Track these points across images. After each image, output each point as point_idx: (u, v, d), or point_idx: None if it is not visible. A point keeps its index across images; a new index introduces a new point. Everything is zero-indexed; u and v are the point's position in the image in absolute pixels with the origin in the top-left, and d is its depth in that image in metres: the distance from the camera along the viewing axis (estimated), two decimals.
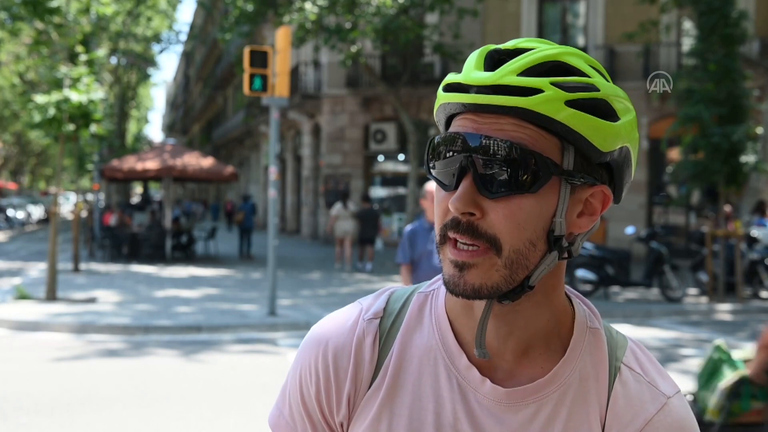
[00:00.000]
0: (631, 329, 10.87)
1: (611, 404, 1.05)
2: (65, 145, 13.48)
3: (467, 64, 1.01)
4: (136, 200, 46.43)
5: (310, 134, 27.67)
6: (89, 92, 12.46)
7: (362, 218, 17.89)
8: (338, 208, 18.29)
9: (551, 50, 1.00)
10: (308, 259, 20.61)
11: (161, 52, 42.33)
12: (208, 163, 21.30)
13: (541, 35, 22.51)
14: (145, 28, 35.90)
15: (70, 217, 31.46)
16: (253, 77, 11.17)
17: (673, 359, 8.97)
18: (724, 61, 13.68)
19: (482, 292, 0.99)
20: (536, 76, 0.97)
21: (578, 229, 1.02)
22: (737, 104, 13.73)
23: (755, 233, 14.67)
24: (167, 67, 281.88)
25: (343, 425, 1.10)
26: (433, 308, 1.11)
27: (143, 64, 39.40)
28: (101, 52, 17.45)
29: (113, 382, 7.65)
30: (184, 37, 50.47)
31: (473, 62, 1.00)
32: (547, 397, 1.05)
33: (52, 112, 12.16)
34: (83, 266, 17.48)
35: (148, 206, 28.39)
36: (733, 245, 13.87)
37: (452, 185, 0.99)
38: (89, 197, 29.55)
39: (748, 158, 13.51)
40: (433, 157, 1.02)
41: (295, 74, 25.12)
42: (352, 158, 25.09)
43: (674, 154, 19.73)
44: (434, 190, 1.05)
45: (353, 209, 18.36)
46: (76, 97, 12.21)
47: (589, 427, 1.05)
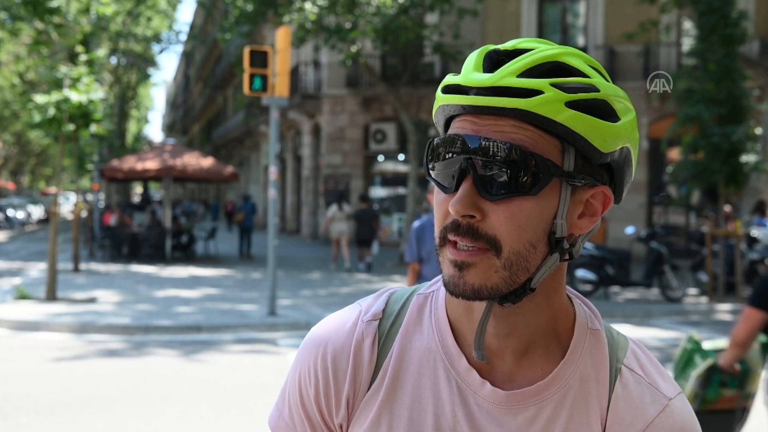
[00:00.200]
0: (631, 329, 10.87)
1: (612, 406, 1.05)
2: (65, 145, 13.48)
3: (466, 65, 1.00)
4: (136, 200, 46.38)
5: (310, 134, 27.67)
6: (89, 92, 12.46)
7: (359, 219, 17.96)
8: (334, 209, 18.45)
9: (551, 51, 0.99)
10: (308, 259, 20.61)
11: (161, 52, 42.32)
12: (208, 163, 21.30)
13: (541, 35, 22.51)
14: (145, 28, 35.88)
15: (70, 217, 31.47)
16: (253, 77, 11.17)
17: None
18: (724, 61, 13.69)
19: (482, 293, 0.98)
20: (536, 77, 0.97)
21: (579, 230, 1.02)
22: (737, 104, 13.73)
23: (755, 233, 14.67)
24: (167, 67, 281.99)
25: (342, 427, 1.10)
26: (432, 310, 1.10)
27: (143, 64, 39.39)
28: (101, 52, 17.45)
29: (113, 382, 7.65)
30: (184, 37, 50.46)
31: (472, 63, 0.99)
32: (547, 399, 1.04)
33: (52, 112, 12.16)
34: (83, 266, 17.48)
35: (148, 206, 28.37)
36: (733, 245, 13.87)
37: (452, 187, 0.98)
38: (89, 197, 29.56)
39: (748, 158, 13.51)
40: (432, 158, 1.01)
41: (295, 74, 25.12)
42: (352, 158, 25.09)
43: (674, 154, 19.73)
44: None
45: (348, 210, 18.48)
46: (76, 97, 12.21)
47: (589, 429, 1.04)
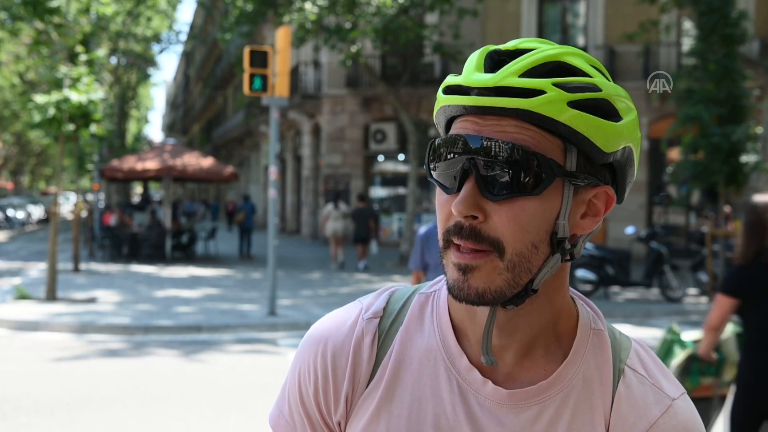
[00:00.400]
0: (631, 329, 10.86)
1: (615, 407, 1.04)
2: (65, 145, 13.48)
3: (467, 65, 1.00)
4: (136, 200, 46.38)
5: (310, 134, 27.66)
6: (89, 92, 12.46)
7: (357, 218, 18.07)
8: (329, 208, 18.60)
9: (552, 50, 0.99)
10: (308, 259, 20.61)
11: (161, 52, 42.31)
12: (208, 163, 21.30)
13: (541, 35, 22.51)
14: (145, 28, 35.87)
15: (70, 217, 31.47)
16: (253, 77, 11.17)
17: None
18: (724, 61, 13.68)
19: (486, 297, 0.98)
20: (538, 77, 0.96)
21: (581, 230, 1.02)
22: (737, 104, 13.73)
23: None
24: (167, 67, 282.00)
25: (340, 424, 1.10)
26: (434, 309, 1.10)
27: (143, 64, 39.38)
28: (101, 52, 17.44)
29: (113, 382, 7.65)
30: (184, 37, 50.47)
31: (473, 64, 0.99)
32: (549, 399, 1.03)
33: (52, 112, 12.16)
34: (83, 266, 17.48)
35: (148, 206, 28.37)
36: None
37: (454, 188, 0.98)
38: (89, 197, 29.55)
39: (748, 158, 13.51)
40: (434, 159, 1.01)
41: (295, 74, 25.12)
42: (352, 158, 25.09)
43: (674, 154, 19.73)
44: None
45: (344, 209, 18.61)
46: (76, 97, 12.21)
47: (593, 429, 1.04)
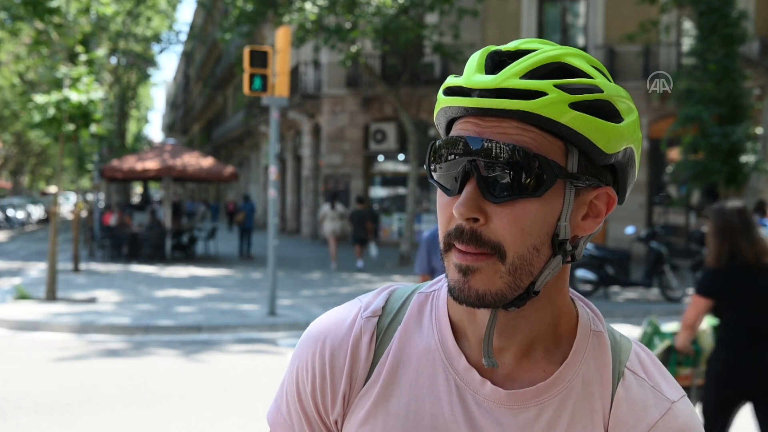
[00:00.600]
0: (631, 329, 10.86)
1: (614, 409, 1.04)
2: (65, 145, 13.49)
3: (468, 66, 0.99)
4: (136, 200, 46.37)
5: (310, 134, 27.66)
6: (89, 92, 12.46)
7: (355, 219, 18.21)
8: (326, 208, 18.73)
9: (553, 51, 0.98)
10: (308, 259, 20.60)
11: (161, 52, 42.31)
12: (208, 163, 21.30)
13: (541, 35, 22.51)
14: (145, 28, 35.87)
15: (70, 217, 31.47)
16: (253, 77, 11.17)
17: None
18: (724, 61, 13.69)
19: (486, 299, 0.97)
20: (539, 78, 0.96)
21: (583, 231, 1.01)
22: (737, 104, 13.73)
23: None
24: (167, 67, 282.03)
25: (337, 423, 1.10)
26: (433, 309, 1.10)
27: (143, 64, 39.38)
28: (101, 52, 17.45)
29: (113, 382, 7.65)
30: (184, 37, 50.50)
31: (474, 65, 0.98)
32: (548, 400, 1.03)
33: (52, 112, 12.16)
34: (83, 266, 17.48)
35: (147, 206, 28.37)
36: None
37: (455, 190, 0.97)
38: (89, 197, 29.55)
39: (748, 158, 13.51)
40: (435, 160, 1.00)
41: (295, 74, 25.12)
42: (352, 158, 25.09)
43: (674, 154, 19.73)
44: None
45: (341, 210, 18.75)
46: (76, 97, 12.21)
47: (592, 431, 1.03)
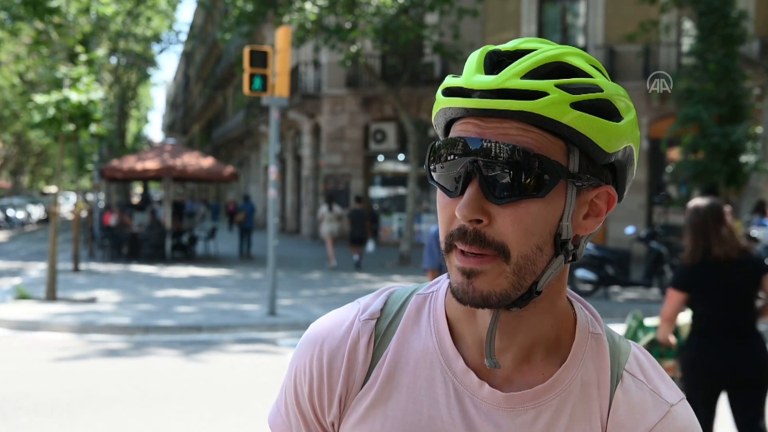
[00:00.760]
0: None
1: (612, 412, 1.03)
2: (65, 145, 13.48)
3: (468, 67, 0.99)
4: (136, 200, 46.36)
5: (310, 134, 27.66)
6: (89, 92, 12.46)
7: (353, 219, 18.36)
8: (323, 209, 18.89)
9: (553, 51, 0.98)
10: (308, 259, 20.60)
11: (161, 52, 42.31)
12: (208, 163, 21.30)
13: (541, 35, 22.51)
14: (145, 28, 35.87)
15: (70, 217, 31.46)
16: (253, 77, 11.17)
17: None
18: (724, 61, 13.69)
19: (491, 300, 0.97)
20: (539, 78, 0.96)
21: (584, 231, 1.01)
22: (737, 104, 13.73)
23: (755, 233, 14.65)
24: (167, 67, 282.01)
25: (334, 425, 1.10)
26: (431, 310, 1.09)
27: (143, 64, 39.38)
28: (101, 52, 17.45)
29: (113, 382, 7.65)
30: (184, 37, 50.47)
31: (473, 65, 0.98)
32: (546, 403, 1.03)
33: (52, 112, 12.16)
34: (83, 266, 17.48)
35: (147, 206, 28.37)
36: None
37: (457, 191, 0.97)
38: (89, 197, 29.54)
39: (748, 158, 13.51)
40: (435, 161, 1.00)
41: (295, 74, 25.11)
42: (352, 158, 25.09)
43: (674, 154, 19.73)
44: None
45: (338, 211, 18.92)
46: (75, 97, 12.21)
47: None
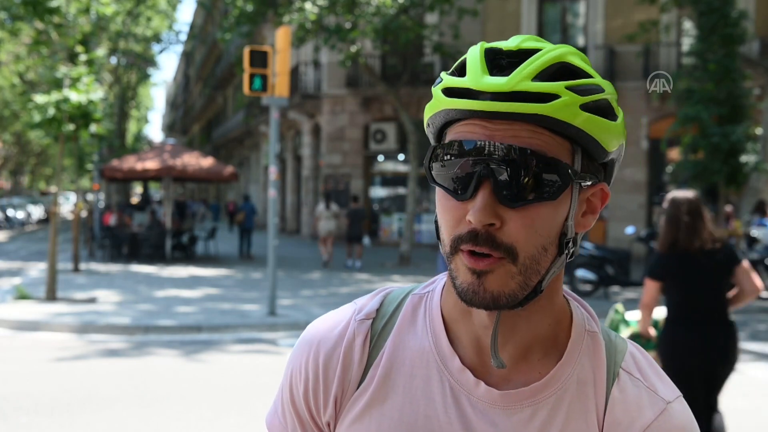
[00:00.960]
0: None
1: (609, 409, 1.04)
2: (65, 145, 13.48)
3: (471, 67, 0.97)
4: (135, 200, 46.36)
5: (310, 134, 27.66)
6: (89, 92, 12.46)
7: (350, 218, 18.43)
8: (321, 208, 18.95)
9: (556, 51, 0.98)
10: (308, 259, 20.60)
11: (161, 52, 42.32)
12: (208, 163, 21.30)
13: (541, 35, 22.51)
14: (145, 28, 35.86)
15: (70, 217, 31.46)
16: (253, 77, 11.17)
17: None
18: (724, 61, 13.70)
19: (500, 300, 0.97)
20: (547, 79, 0.95)
21: (582, 228, 1.03)
22: (737, 104, 13.74)
23: (755, 233, 14.67)
24: (167, 67, 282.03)
25: (329, 425, 1.10)
26: (427, 310, 1.10)
27: (143, 64, 39.38)
28: (101, 52, 17.45)
29: (113, 382, 7.65)
30: (184, 37, 50.47)
31: (478, 66, 0.97)
32: (543, 400, 1.03)
33: (52, 112, 12.16)
34: (83, 266, 17.48)
35: (147, 206, 28.37)
36: (733, 245, 13.85)
37: (467, 194, 0.96)
38: (89, 197, 29.54)
39: (748, 158, 13.52)
40: (441, 163, 0.99)
41: (295, 74, 25.12)
42: (352, 158, 25.09)
43: (674, 154, 19.73)
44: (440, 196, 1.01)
45: (335, 210, 18.98)
46: (75, 97, 12.21)
47: None
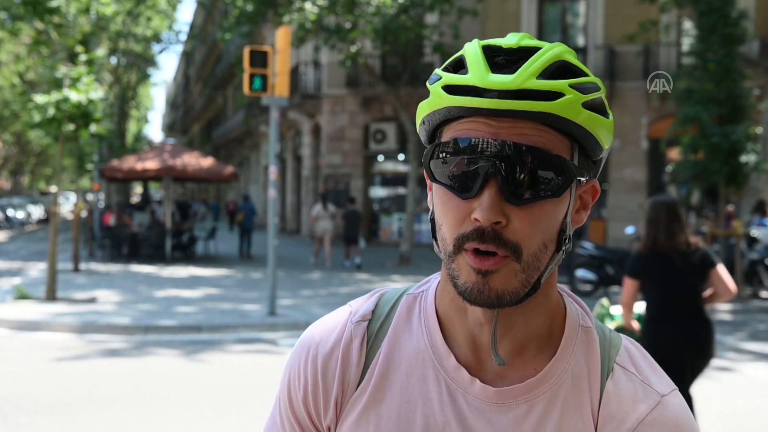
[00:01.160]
0: None
1: (603, 404, 1.04)
2: (65, 145, 13.48)
3: (474, 65, 0.97)
4: (135, 200, 46.35)
5: (310, 134, 27.66)
6: (89, 92, 12.46)
7: (346, 219, 18.51)
8: (318, 208, 19.02)
9: (555, 49, 0.99)
10: (308, 259, 20.60)
11: (161, 52, 42.31)
12: (208, 163, 21.30)
13: (541, 35, 22.52)
14: (145, 28, 35.86)
15: (70, 217, 31.46)
16: (253, 77, 11.17)
17: None
18: (724, 61, 13.69)
19: (505, 299, 0.97)
20: (549, 77, 0.96)
21: (576, 224, 1.04)
22: (737, 104, 13.74)
23: (755, 233, 14.66)
24: (167, 67, 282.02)
25: (330, 429, 1.10)
26: (422, 310, 1.10)
27: (143, 64, 39.37)
28: (101, 52, 17.45)
29: (113, 382, 7.65)
30: (184, 37, 50.49)
31: (480, 63, 0.97)
32: (538, 396, 1.03)
33: (51, 112, 12.16)
34: (83, 266, 17.48)
35: (147, 206, 28.37)
36: (733, 245, 13.85)
37: (472, 192, 0.96)
38: (89, 197, 29.53)
39: (748, 158, 13.52)
40: (444, 161, 0.99)
41: (295, 74, 25.12)
42: (352, 158, 25.09)
43: (674, 154, 19.73)
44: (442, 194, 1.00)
45: (332, 210, 19.07)
46: (75, 96, 12.21)
47: (582, 426, 1.03)
